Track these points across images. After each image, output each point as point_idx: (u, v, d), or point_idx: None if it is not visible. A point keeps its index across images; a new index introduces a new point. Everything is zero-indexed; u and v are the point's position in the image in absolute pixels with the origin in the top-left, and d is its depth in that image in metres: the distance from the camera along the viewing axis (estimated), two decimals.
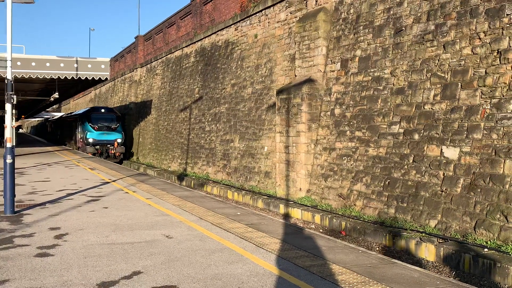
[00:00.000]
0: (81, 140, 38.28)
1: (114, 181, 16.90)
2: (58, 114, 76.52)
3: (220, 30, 27.06)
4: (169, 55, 36.17)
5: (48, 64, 29.96)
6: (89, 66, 31.23)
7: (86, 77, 30.68)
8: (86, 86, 39.72)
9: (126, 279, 6.01)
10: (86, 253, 7.25)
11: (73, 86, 40.50)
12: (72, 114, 47.75)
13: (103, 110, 38.88)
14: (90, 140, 36.37)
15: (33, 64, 29.59)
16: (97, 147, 36.23)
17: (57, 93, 36.49)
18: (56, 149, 41.15)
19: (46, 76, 29.58)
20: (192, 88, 30.25)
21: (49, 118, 77.88)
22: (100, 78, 31.37)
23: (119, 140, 37.22)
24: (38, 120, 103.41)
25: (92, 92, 65.56)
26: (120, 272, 6.29)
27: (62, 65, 30.41)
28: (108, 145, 36.66)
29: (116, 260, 6.84)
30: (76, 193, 13.82)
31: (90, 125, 37.01)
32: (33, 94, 42.36)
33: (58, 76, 29.76)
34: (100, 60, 31.91)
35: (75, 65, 30.67)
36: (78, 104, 75.00)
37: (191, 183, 24.53)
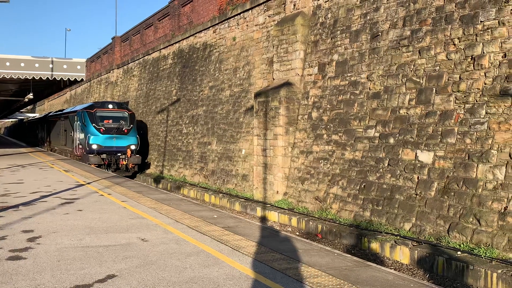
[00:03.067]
0: (80, 146, 28.69)
1: (89, 183, 16.70)
2: (32, 115, 75.11)
3: (199, 32, 27.00)
4: (146, 57, 35.92)
5: (22, 64, 29.53)
6: (65, 66, 30.86)
7: (62, 78, 30.32)
8: (62, 87, 39.19)
9: (100, 282, 5.94)
10: (59, 256, 7.14)
11: (48, 87, 39.97)
12: (64, 111, 36.55)
13: (110, 106, 28.61)
14: (94, 147, 26.76)
15: (7, 64, 29.09)
16: (104, 156, 26.80)
17: (31, 94, 35.94)
18: (30, 150, 40.44)
19: (21, 77, 29.13)
20: (170, 90, 30.10)
21: (29, 118, 70.36)
22: (75, 79, 31.03)
23: (132, 147, 27.76)
24: (12, 121, 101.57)
25: (67, 93, 64.71)
26: (94, 275, 6.22)
27: (37, 65, 30.00)
28: (119, 154, 27.36)
29: (90, 264, 6.76)
30: (50, 195, 13.61)
31: (94, 126, 27.39)
32: (7, 94, 41.62)
33: (33, 77, 29.36)
34: (76, 60, 31.56)
35: (51, 66, 30.27)
36: (53, 105, 73.92)
37: (168, 185, 24.38)
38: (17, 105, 56.85)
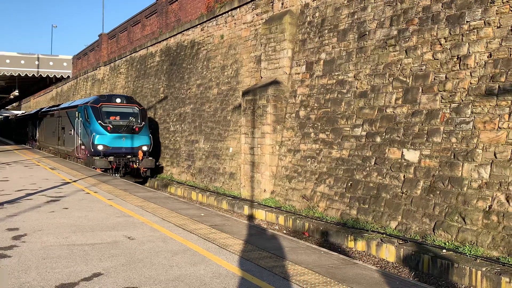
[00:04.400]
0: (83, 147, 24.52)
1: (75, 181, 16.59)
2: (18, 112, 74.28)
3: (186, 30, 26.92)
4: (133, 54, 35.74)
5: (8, 61, 29.23)
6: (51, 63, 30.59)
7: (48, 75, 30.06)
8: (48, 84, 38.83)
9: (86, 280, 5.90)
10: (45, 254, 7.09)
11: (34, 84, 39.60)
12: (62, 106, 32.02)
13: (118, 100, 24.44)
14: (100, 148, 22.77)
15: None
16: (111, 158, 22.90)
17: (17, 91, 35.56)
18: (16, 147, 40.05)
19: (6, 73, 28.84)
20: (157, 87, 29.98)
21: (16, 115, 64.54)
22: (62, 76, 30.77)
23: (145, 148, 23.85)
24: None
25: (53, 90, 64.21)
26: (80, 273, 6.18)
27: (22, 62, 29.71)
28: (129, 156, 23.48)
29: (76, 262, 6.72)
30: (35, 193, 13.50)
31: (99, 124, 23.22)
32: None
33: (19, 73, 29.08)
34: (62, 57, 31.31)
35: (37, 63, 30.00)
36: (39, 102, 73.29)
37: (155, 184, 24.28)
38: (2, 102, 56.21)
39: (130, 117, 23.91)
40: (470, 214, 9.76)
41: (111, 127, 23.25)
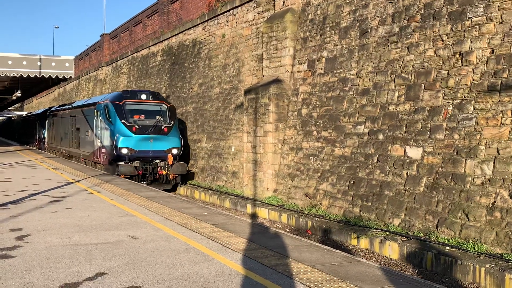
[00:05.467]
0: (103, 150, 21.52)
1: (78, 181, 16.61)
2: (20, 113, 74.33)
3: (188, 29, 26.91)
4: (135, 54, 35.77)
5: (10, 62, 29.28)
6: (53, 64, 30.64)
7: (50, 76, 30.10)
8: (50, 84, 38.87)
9: (90, 280, 5.91)
10: (48, 254, 7.10)
11: (36, 85, 39.68)
12: (76, 104, 29.02)
13: (144, 96, 21.41)
14: (124, 151, 19.80)
15: None
16: (137, 163, 19.99)
17: (19, 92, 35.62)
18: (18, 148, 40.10)
19: (8, 74, 28.90)
20: (159, 87, 29.99)
21: (22, 115, 60.78)
22: (64, 76, 30.80)
23: (174, 151, 20.78)
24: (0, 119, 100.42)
25: (56, 90, 64.24)
26: (84, 273, 6.19)
27: (25, 63, 29.77)
28: (157, 161, 20.56)
29: (79, 262, 6.73)
30: (38, 193, 13.52)
31: (123, 124, 20.22)
32: None
33: (21, 74, 29.13)
34: (64, 58, 31.36)
35: (39, 63, 30.05)
36: (42, 103, 73.39)
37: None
38: (5, 103, 56.32)
39: (157, 116, 20.94)
40: (473, 211, 9.74)
41: (137, 127, 20.18)
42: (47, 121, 37.02)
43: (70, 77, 32.09)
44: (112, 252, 7.26)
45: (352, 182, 13.19)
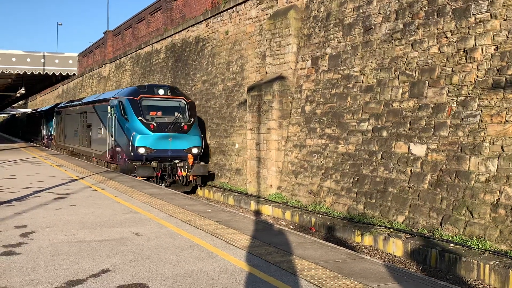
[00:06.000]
0: (118, 149, 19.93)
1: (82, 178, 16.65)
2: (24, 110, 74.49)
3: (191, 26, 26.90)
4: (138, 51, 35.78)
5: (14, 59, 29.30)
6: (57, 61, 30.65)
7: (54, 73, 30.13)
8: (54, 81, 38.92)
9: (94, 277, 5.92)
10: (53, 251, 7.12)
11: (40, 82, 39.73)
12: (86, 100, 27.45)
13: (161, 91, 19.78)
14: (142, 151, 18.36)
15: None
16: (154, 164, 18.55)
17: (23, 89, 35.68)
18: (23, 145, 40.18)
19: (12, 71, 28.95)
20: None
21: (26, 112, 59.52)
22: (68, 73, 30.82)
23: (195, 151, 19.26)
24: (4, 116, 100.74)
25: (59, 87, 64.41)
26: (88, 270, 6.20)
27: (28, 60, 29.79)
28: (176, 161, 19.04)
29: (84, 258, 6.74)
30: (43, 190, 13.56)
31: (140, 121, 18.75)
32: None
33: (25, 71, 29.16)
34: (68, 55, 31.37)
35: (42, 60, 30.08)
36: (45, 100, 73.55)
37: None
38: (9, 100, 56.43)
39: (176, 112, 19.51)
40: (477, 208, 9.72)
41: (155, 124, 18.68)
42: (54, 118, 35.50)
43: (74, 74, 32.06)
44: (116, 249, 7.28)
45: (356, 179, 13.17)
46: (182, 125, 19.24)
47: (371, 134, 13.21)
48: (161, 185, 17.68)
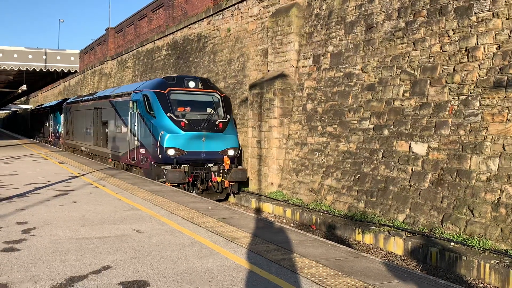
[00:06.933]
0: (142, 150, 17.42)
1: (83, 175, 16.66)
2: (26, 106, 74.53)
3: (193, 23, 26.89)
4: (140, 48, 35.77)
5: (15, 56, 29.30)
6: (58, 58, 30.63)
7: (55, 69, 30.12)
8: (55, 78, 38.90)
9: (95, 273, 5.94)
10: (54, 247, 7.13)
11: (42, 78, 39.71)
12: (100, 94, 25.09)
13: (192, 84, 17.21)
14: (171, 153, 15.89)
15: (0, 55, 28.89)
16: (185, 167, 15.98)
17: (25, 85, 35.67)
18: (25, 142, 40.22)
19: (14, 68, 28.94)
20: None
21: (30, 108, 57.27)
22: (69, 70, 30.81)
23: (231, 152, 16.76)
24: (5, 113, 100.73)
25: (61, 84, 64.44)
26: (89, 266, 6.22)
27: (30, 56, 29.77)
28: (210, 165, 16.52)
29: (85, 255, 6.76)
30: (44, 187, 13.58)
31: (169, 117, 16.21)
32: (0, 86, 41.37)
33: (26, 68, 29.15)
34: (69, 52, 31.36)
35: (44, 57, 30.06)
36: (47, 97, 73.60)
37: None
38: (10, 97, 56.46)
39: (209, 108, 17.05)
40: (478, 207, 9.72)
41: (186, 122, 16.17)
42: (62, 114, 33.00)
43: (76, 71, 32.00)
44: (117, 246, 7.29)
45: (357, 177, 13.18)
46: (217, 122, 16.69)
47: (372, 133, 13.20)
48: (192, 192, 15.50)
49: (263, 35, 19.85)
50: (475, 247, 9.13)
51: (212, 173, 16.38)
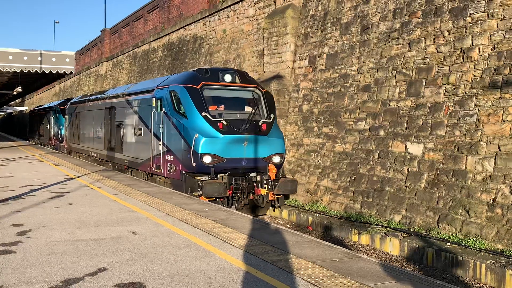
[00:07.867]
0: (169, 156, 14.38)
1: (79, 176, 16.62)
2: (21, 108, 74.25)
3: (188, 24, 26.87)
4: (136, 49, 35.72)
5: (11, 57, 29.23)
6: (54, 59, 30.56)
7: (51, 71, 30.06)
8: (51, 79, 38.82)
9: (91, 276, 5.92)
10: (50, 250, 7.11)
11: (37, 80, 39.65)
12: (111, 92, 22.09)
13: (228, 78, 14.11)
14: (207, 160, 12.96)
15: None
16: (224, 177, 13.27)
17: (20, 87, 35.59)
18: (20, 143, 40.06)
19: (9, 70, 28.88)
20: None
21: (29, 109, 54.39)
22: (64, 71, 30.73)
23: (277, 159, 13.78)
24: (1, 115, 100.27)
25: (56, 86, 64.28)
26: (85, 269, 6.20)
27: (25, 58, 29.70)
28: (253, 174, 13.69)
29: (80, 257, 6.73)
30: (39, 189, 13.54)
31: (204, 117, 13.25)
32: None
33: (22, 70, 29.09)
34: (65, 53, 31.28)
35: (39, 59, 29.99)
36: (42, 98, 73.41)
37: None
38: (6, 99, 56.31)
39: (249, 106, 14.21)
40: (474, 207, 9.75)
41: (224, 123, 13.25)
42: (66, 115, 30.23)
43: (71, 72, 31.94)
44: (113, 248, 7.27)
45: (353, 178, 13.19)
46: (260, 123, 13.69)
47: (368, 133, 13.22)
48: (231, 208, 12.89)
49: (258, 36, 19.86)
50: (471, 247, 9.15)
51: (255, 184, 13.63)
